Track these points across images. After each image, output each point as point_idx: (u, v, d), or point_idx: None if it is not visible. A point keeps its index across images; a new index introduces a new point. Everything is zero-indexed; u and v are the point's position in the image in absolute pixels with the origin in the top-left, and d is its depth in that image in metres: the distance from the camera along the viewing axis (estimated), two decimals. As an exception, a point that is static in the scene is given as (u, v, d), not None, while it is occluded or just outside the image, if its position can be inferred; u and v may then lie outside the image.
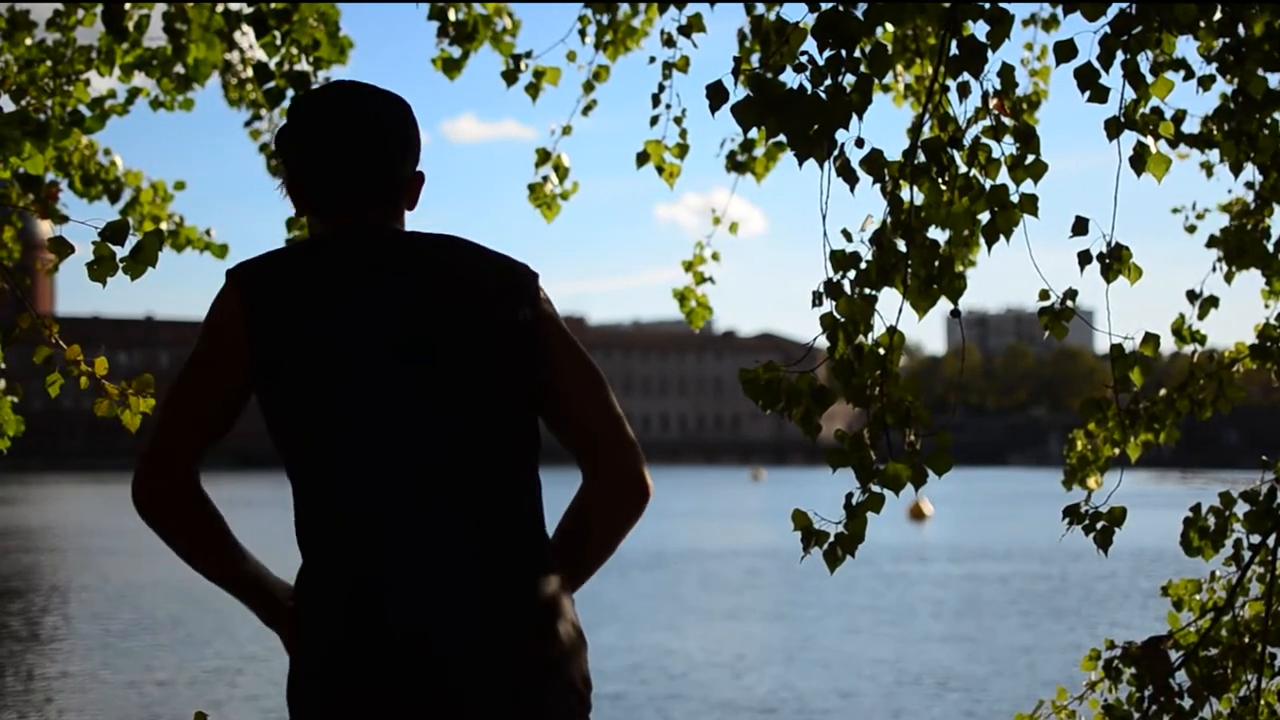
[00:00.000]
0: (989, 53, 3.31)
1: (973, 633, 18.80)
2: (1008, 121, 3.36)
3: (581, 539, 2.55)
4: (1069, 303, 3.59)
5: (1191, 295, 4.70)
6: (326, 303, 2.46)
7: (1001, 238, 3.33)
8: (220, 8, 4.99)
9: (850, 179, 3.25)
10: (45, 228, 3.67)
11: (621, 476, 2.54)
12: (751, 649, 17.44)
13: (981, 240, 3.35)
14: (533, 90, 5.27)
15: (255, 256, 2.53)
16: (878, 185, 3.31)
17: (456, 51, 5.24)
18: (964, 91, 3.35)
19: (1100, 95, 3.39)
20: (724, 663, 16.29)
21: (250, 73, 5.36)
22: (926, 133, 3.43)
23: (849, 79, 3.18)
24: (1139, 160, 3.41)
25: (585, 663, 2.48)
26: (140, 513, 2.48)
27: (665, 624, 19.50)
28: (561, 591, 2.47)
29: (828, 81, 3.16)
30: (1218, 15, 3.67)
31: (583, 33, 5.36)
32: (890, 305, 3.29)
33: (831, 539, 3.28)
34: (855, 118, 3.17)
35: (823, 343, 3.30)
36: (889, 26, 3.42)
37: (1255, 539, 4.27)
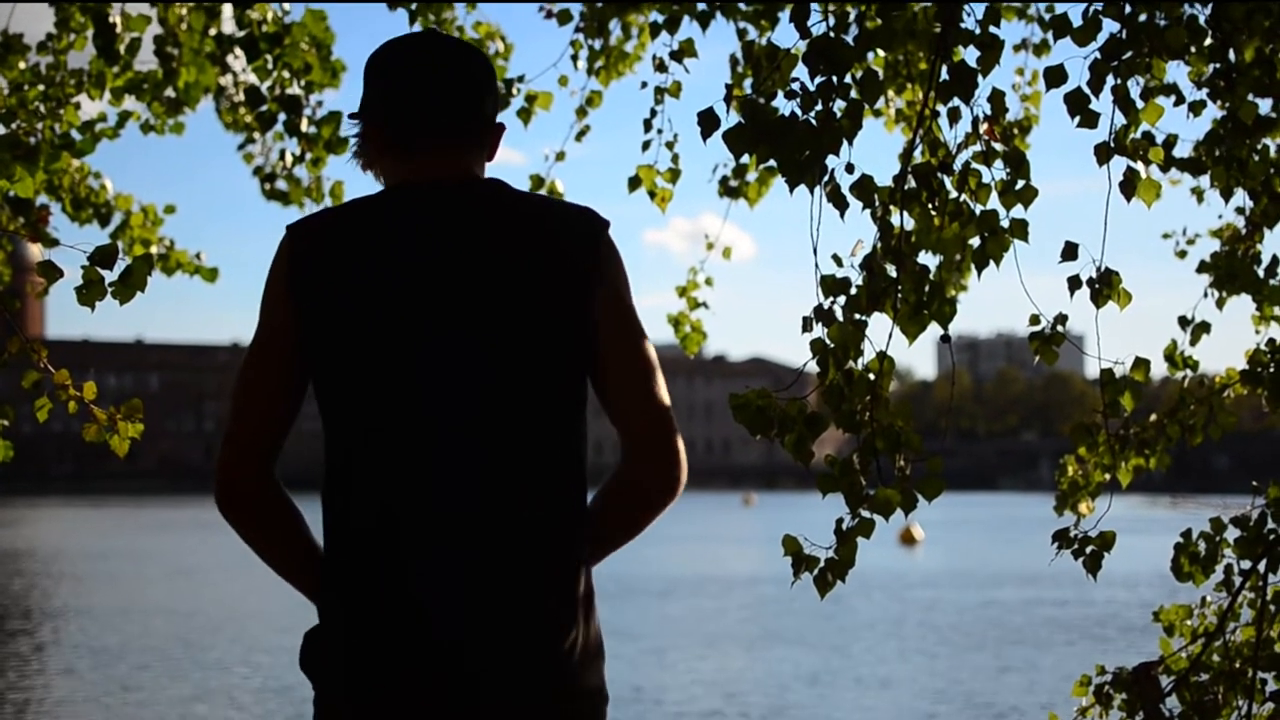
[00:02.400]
0: (979, 78, 3.32)
1: (1015, 662, 18.62)
2: (998, 147, 3.36)
3: (603, 524, 2.49)
4: (1059, 328, 3.59)
5: (1183, 321, 4.71)
6: (368, 258, 2.38)
7: (992, 263, 3.33)
8: (212, 31, 4.99)
9: (841, 204, 3.25)
10: (35, 251, 3.67)
11: (652, 471, 2.48)
12: (786, 675, 17.31)
13: (972, 265, 3.35)
14: (524, 115, 5.27)
15: (315, 211, 2.49)
16: (868, 210, 3.31)
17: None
18: (954, 117, 3.35)
19: (1090, 120, 3.39)
20: (767, 688, 16.16)
21: (243, 96, 5.37)
22: (917, 158, 3.43)
23: (840, 105, 3.18)
24: (1129, 185, 3.41)
25: (602, 672, 2.42)
26: (220, 510, 2.46)
27: (696, 652, 19.33)
28: (589, 596, 2.40)
29: (818, 107, 3.16)
30: (1208, 41, 3.68)
31: (575, 58, 5.37)
32: (880, 330, 3.29)
33: (821, 564, 3.28)
34: (846, 143, 3.17)
35: (813, 368, 3.29)
36: (880, 52, 3.43)
37: (1246, 564, 4.26)
